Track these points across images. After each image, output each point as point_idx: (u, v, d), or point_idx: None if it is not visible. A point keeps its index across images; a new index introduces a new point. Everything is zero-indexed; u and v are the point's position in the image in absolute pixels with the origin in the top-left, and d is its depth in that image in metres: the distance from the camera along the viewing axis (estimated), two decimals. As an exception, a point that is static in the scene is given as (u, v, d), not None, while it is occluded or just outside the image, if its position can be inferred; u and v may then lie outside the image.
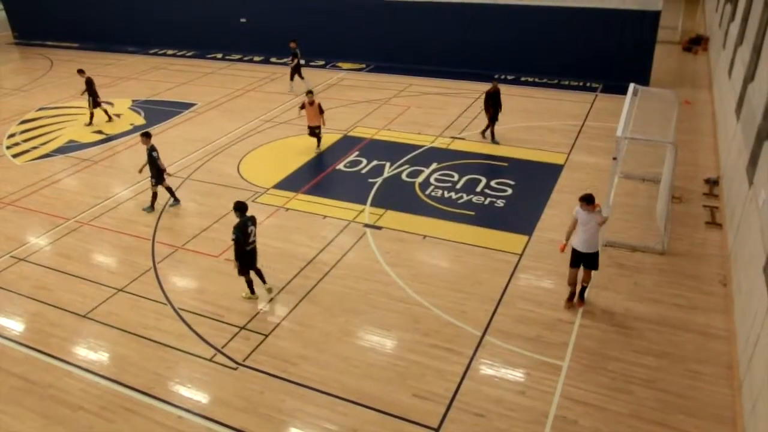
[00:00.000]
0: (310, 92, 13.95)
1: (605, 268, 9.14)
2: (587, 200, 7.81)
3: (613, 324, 8.01)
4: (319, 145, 14.18)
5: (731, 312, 7.99)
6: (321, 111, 13.86)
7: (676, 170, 10.45)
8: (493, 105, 13.80)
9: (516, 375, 7.28)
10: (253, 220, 8.55)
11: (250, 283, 8.75)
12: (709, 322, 7.99)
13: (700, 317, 8.09)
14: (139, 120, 16.68)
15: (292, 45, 18.10)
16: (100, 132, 15.83)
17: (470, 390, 7.06)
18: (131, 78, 20.98)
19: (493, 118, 13.98)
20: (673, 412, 6.64)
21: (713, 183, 11.51)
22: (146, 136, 11.32)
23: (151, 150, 11.21)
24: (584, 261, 8.09)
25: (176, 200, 11.73)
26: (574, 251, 8.09)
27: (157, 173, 11.36)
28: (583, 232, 7.93)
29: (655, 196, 11.01)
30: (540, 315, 8.24)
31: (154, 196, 11.56)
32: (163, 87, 19.72)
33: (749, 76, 10.88)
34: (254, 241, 8.59)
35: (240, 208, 8.39)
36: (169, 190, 11.60)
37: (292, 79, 18.51)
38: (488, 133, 14.23)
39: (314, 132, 14.02)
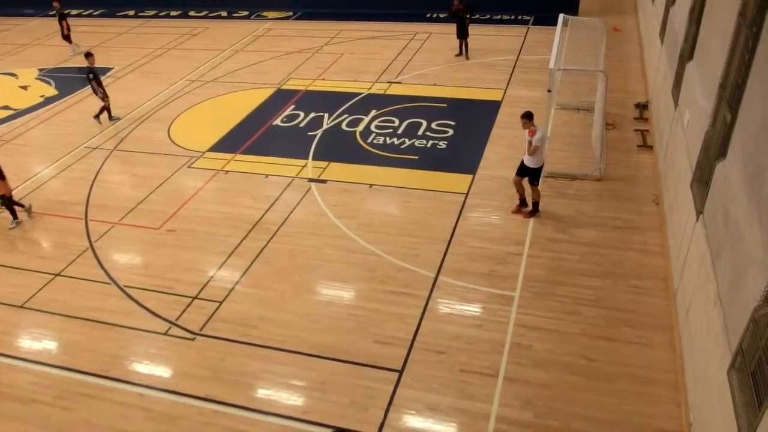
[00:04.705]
0: None
1: (548, 198, 9.43)
2: (522, 116, 8.60)
3: (559, 251, 8.35)
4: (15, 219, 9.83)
5: (665, 228, 8.48)
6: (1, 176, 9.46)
7: (608, 97, 10.73)
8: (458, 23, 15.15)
9: (472, 310, 7.52)
10: None
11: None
12: (646, 240, 8.46)
13: (638, 236, 8.55)
14: (51, 91, 15.41)
15: (56, 4, 17.25)
16: (6, 107, 14.54)
17: (429, 330, 7.25)
18: (33, 44, 19.21)
19: (459, 35, 15.31)
20: (618, 326, 7.09)
21: (643, 107, 11.93)
22: (88, 56, 12.81)
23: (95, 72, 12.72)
24: (526, 173, 8.83)
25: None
26: (521, 161, 8.88)
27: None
28: (526, 146, 8.70)
29: (590, 124, 11.32)
30: (490, 250, 8.47)
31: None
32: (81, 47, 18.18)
33: (671, 0, 11.13)
34: None
35: None
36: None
37: (67, 41, 17.65)
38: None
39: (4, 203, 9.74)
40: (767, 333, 4.00)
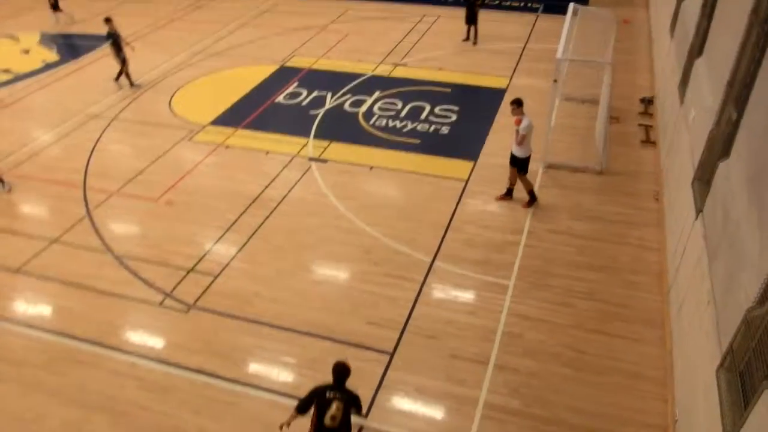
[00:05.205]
0: None
1: (548, 189, 9.42)
2: (512, 102, 8.48)
3: (555, 242, 8.36)
4: None
5: (663, 225, 8.48)
6: None
7: (615, 91, 10.67)
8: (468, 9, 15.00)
9: (465, 297, 7.55)
10: None
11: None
12: (644, 236, 8.46)
13: (636, 231, 8.55)
14: (52, 56, 15.23)
15: None
16: (7, 71, 14.38)
17: (422, 314, 7.28)
18: (35, 8, 18.89)
19: (467, 21, 15.11)
20: (611, 320, 7.12)
21: (648, 102, 11.85)
22: (107, 21, 12.82)
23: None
24: (515, 163, 8.82)
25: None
26: (511, 151, 8.88)
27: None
28: (514, 135, 8.68)
29: (594, 116, 11.25)
30: (487, 238, 8.47)
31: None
32: (74, 18, 17.95)
33: (683, -7, 10.98)
34: None
35: None
36: None
37: (54, 9, 17.28)
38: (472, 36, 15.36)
39: None
40: (758, 334, 4.02)
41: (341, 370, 5.05)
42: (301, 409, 5.03)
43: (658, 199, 9.13)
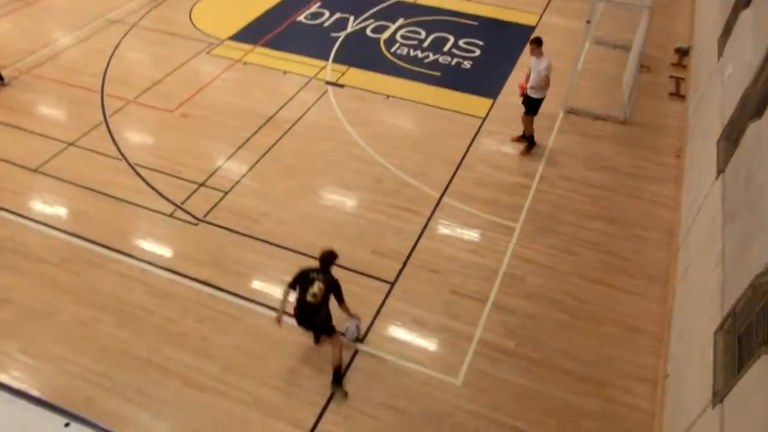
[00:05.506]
0: None
1: (566, 135, 9.21)
2: (532, 41, 8.03)
3: (567, 189, 8.27)
4: None
5: (680, 182, 8.32)
6: None
7: (649, 37, 10.16)
8: None
9: (471, 235, 7.58)
10: None
11: None
12: (660, 192, 8.32)
13: (652, 186, 8.41)
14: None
15: None
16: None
17: (427, 248, 7.35)
18: None
19: None
20: (613, 272, 7.15)
21: (683, 53, 11.31)
22: None
23: None
24: (527, 102, 8.51)
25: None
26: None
27: None
28: (531, 75, 8.29)
29: (624, 63, 10.79)
30: (499, 179, 8.40)
31: None
32: None
33: (740, -64, 10.18)
34: None
35: None
36: None
37: None
38: None
39: None
40: (764, 300, 4.00)
41: (327, 257, 5.56)
42: (292, 285, 5.57)
43: (679, 155, 8.91)
